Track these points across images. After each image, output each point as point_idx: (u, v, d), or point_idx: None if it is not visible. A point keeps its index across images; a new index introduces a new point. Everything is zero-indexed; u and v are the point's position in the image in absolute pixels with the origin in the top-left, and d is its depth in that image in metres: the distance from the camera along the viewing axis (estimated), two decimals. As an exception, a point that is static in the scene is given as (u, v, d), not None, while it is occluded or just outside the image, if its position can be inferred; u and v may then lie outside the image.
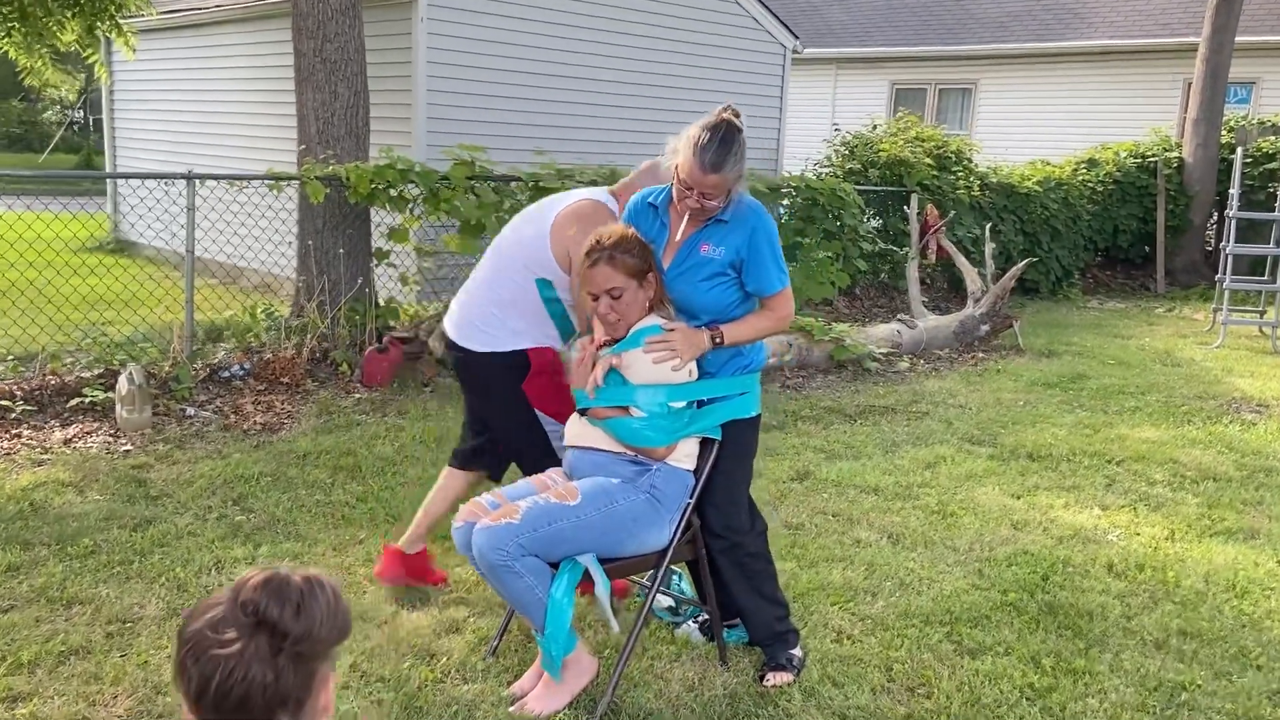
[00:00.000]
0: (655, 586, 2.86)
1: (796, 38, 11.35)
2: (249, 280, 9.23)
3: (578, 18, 9.30)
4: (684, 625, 3.33)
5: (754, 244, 2.87)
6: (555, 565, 2.68)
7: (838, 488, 4.87)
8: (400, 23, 8.36)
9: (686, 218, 2.86)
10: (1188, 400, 6.95)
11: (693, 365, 2.85)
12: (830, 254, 9.20)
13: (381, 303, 6.96)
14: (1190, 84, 13.18)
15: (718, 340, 2.83)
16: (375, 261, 6.93)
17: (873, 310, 10.21)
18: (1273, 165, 12.39)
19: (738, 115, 2.81)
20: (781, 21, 11.10)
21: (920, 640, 3.33)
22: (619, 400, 2.81)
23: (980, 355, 8.37)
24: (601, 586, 2.65)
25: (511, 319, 3.18)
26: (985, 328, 8.70)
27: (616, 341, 2.85)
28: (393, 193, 6.55)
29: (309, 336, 6.32)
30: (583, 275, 2.82)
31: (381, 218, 7.08)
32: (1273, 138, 12.63)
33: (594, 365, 2.86)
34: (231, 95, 10.31)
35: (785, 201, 9.53)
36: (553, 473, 2.96)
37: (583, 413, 2.88)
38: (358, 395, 6.04)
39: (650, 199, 3.01)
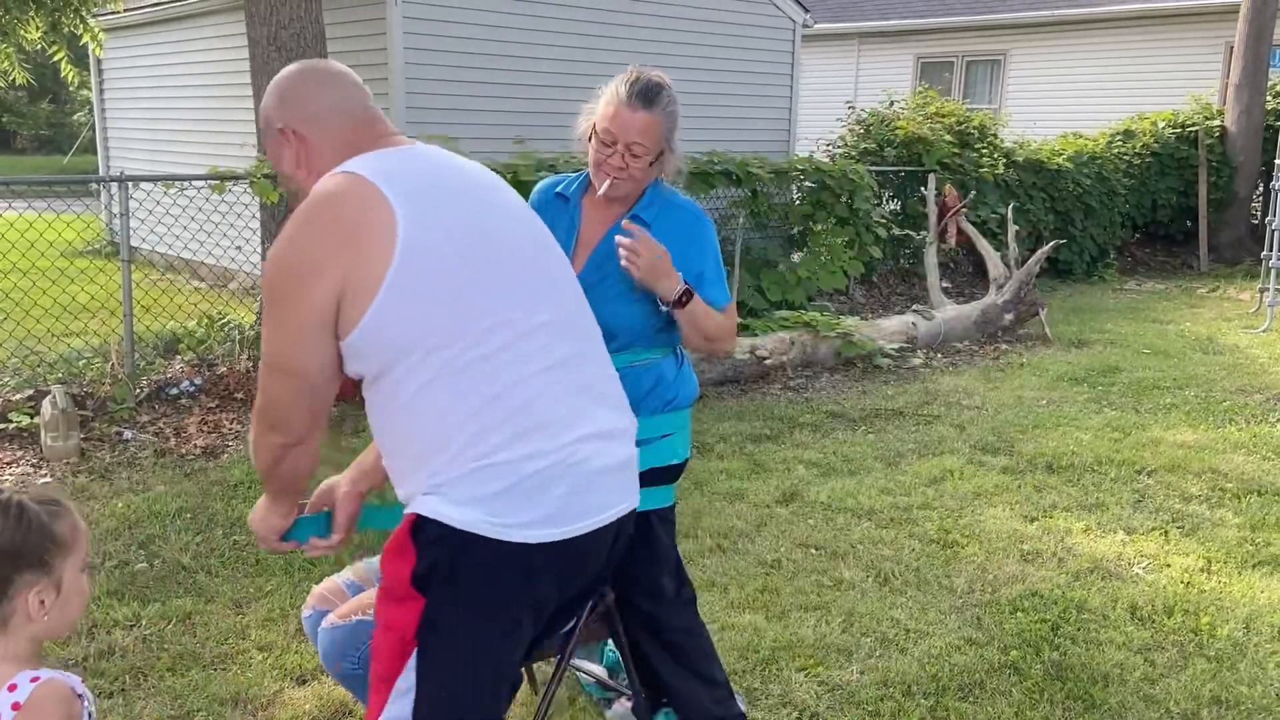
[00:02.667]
0: (557, 678, 2.35)
1: (807, 11, 10.70)
2: (240, 282, 8.84)
3: (567, -4, 8.76)
4: (616, 704, 2.82)
5: (688, 259, 2.35)
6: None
7: (827, 512, 4.33)
8: (374, 6, 7.87)
9: (605, 192, 2.33)
10: (1230, 395, 6.31)
11: None
12: (843, 240, 8.61)
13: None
14: (1232, 47, 12.34)
15: (683, 299, 2.27)
16: (343, 264, 6.46)
17: (891, 299, 9.60)
18: (1324, 131, 11.56)
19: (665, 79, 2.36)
20: (791, -6, 10.46)
21: None
22: None
23: (1003, 347, 7.75)
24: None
25: None
26: (1009, 316, 8.08)
27: None
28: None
29: (265, 348, 5.87)
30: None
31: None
32: (1324, 101, 11.80)
33: None
34: (211, 90, 9.91)
35: (794, 187, 8.94)
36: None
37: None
38: (314, 411, 5.58)
39: (559, 188, 2.47)
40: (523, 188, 6.38)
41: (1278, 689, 2.95)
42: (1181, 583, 3.68)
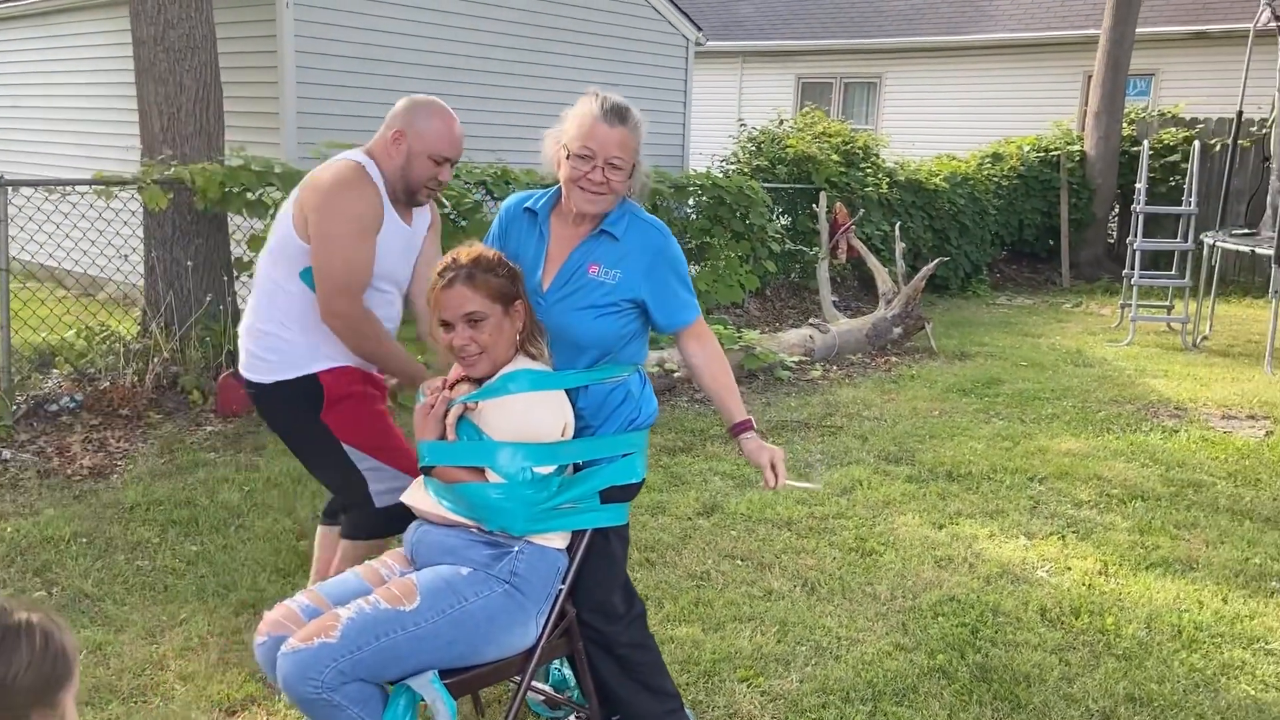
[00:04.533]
0: (521, 692, 2.32)
1: (700, 29, 10.89)
2: (110, 293, 8.38)
3: (466, 4, 8.67)
4: (563, 721, 2.80)
5: (658, 276, 2.38)
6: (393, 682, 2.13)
7: (748, 523, 4.39)
8: (263, 7, 7.61)
9: (575, 218, 2.39)
10: (1104, 405, 6.69)
11: (568, 419, 2.32)
12: (739, 254, 8.77)
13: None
14: (1090, 76, 13.14)
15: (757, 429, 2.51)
16: (235, 273, 6.22)
17: (784, 312, 9.81)
18: (1174, 158, 12.39)
19: None
20: (684, 12, 10.61)
21: (840, 725, 2.86)
22: (472, 460, 2.26)
23: (893, 359, 8.02)
24: (446, 718, 2.09)
25: (292, 334, 2.62)
26: (898, 330, 8.36)
27: (476, 384, 2.31)
28: (250, 196, 5.84)
29: (154, 361, 5.60)
30: (435, 299, 2.27)
31: (239, 224, 6.36)
32: (1173, 130, 12.65)
33: (445, 413, 2.31)
34: (79, 92, 9.41)
35: (691, 201, 9.05)
36: (390, 558, 2.38)
37: (426, 472, 2.33)
38: (210, 428, 5.35)
39: (528, 203, 2.48)
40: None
41: (1185, 686, 3.13)
42: (1083, 585, 3.87)
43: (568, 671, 2.89)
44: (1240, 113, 9.33)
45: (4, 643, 1.22)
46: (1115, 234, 13.41)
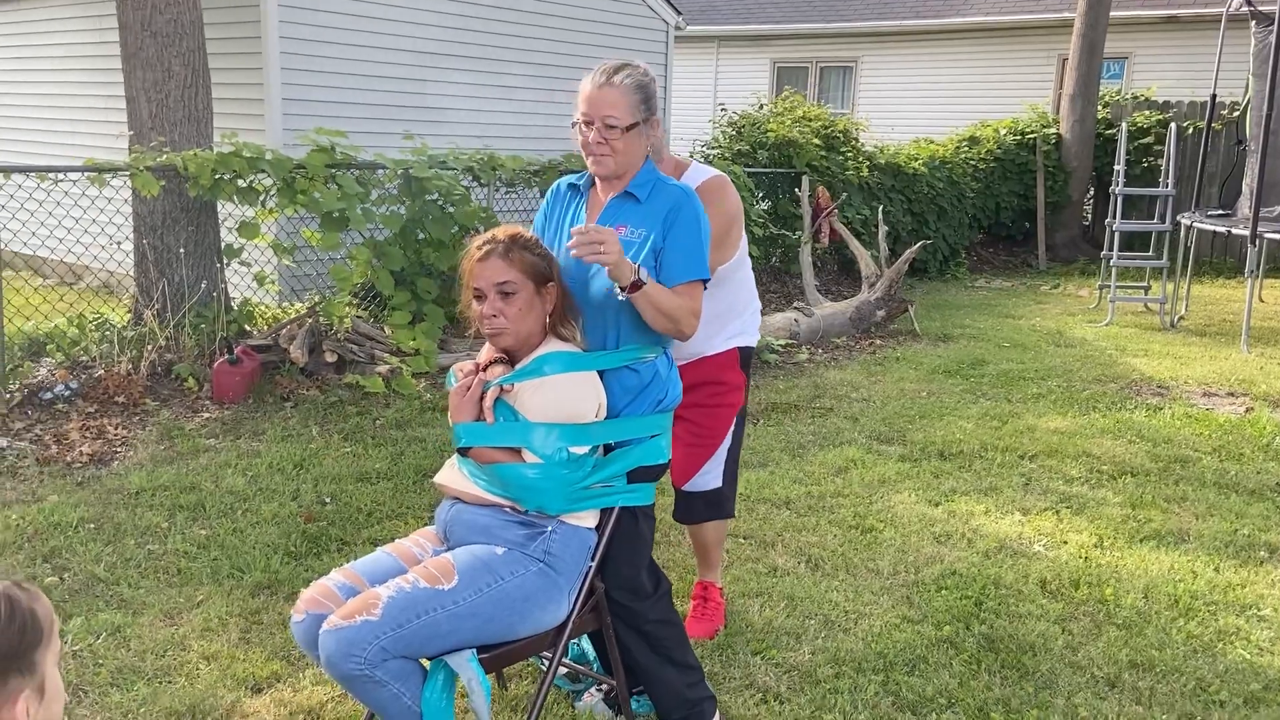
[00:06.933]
0: (553, 667, 2.37)
1: (679, 14, 10.91)
2: (90, 281, 8.32)
3: (447, -11, 8.64)
4: (586, 695, 2.85)
5: (673, 232, 2.41)
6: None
7: (747, 502, 4.46)
8: (248, -8, 7.56)
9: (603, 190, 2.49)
10: (1088, 385, 6.81)
11: (602, 400, 2.36)
12: (722, 239, 8.81)
13: (236, 306, 6.23)
14: (1065, 60, 13.27)
15: (638, 282, 2.26)
16: (226, 260, 6.20)
17: (766, 296, 9.86)
18: (1147, 140, 12.56)
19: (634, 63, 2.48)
20: (663, -4, 10.63)
21: (855, 695, 2.93)
22: (509, 440, 2.30)
23: (878, 342, 8.11)
24: (481, 696, 2.14)
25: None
26: (881, 313, 8.45)
27: (510, 366, 2.35)
28: (241, 183, 5.82)
29: (148, 348, 5.58)
30: (470, 270, 2.31)
31: (230, 211, 6.34)
32: (1147, 112, 12.82)
33: (482, 395, 2.35)
34: (58, 78, 9.29)
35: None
36: (421, 537, 2.42)
37: (463, 453, 2.36)
38: (206, 415, 5.34)
39: (572, 180, 2.62)
40: (416, 183, 6.30)
41: (1184, 652, 3.24)
42: (1080, 558, 3.97)
43: (586, 645, 2.94)
44: (1214, 96, 9.47)
45: None
46: (1090, 216, 13.59)
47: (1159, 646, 3.25)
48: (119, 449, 4.83)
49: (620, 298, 2.30)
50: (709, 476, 3.16)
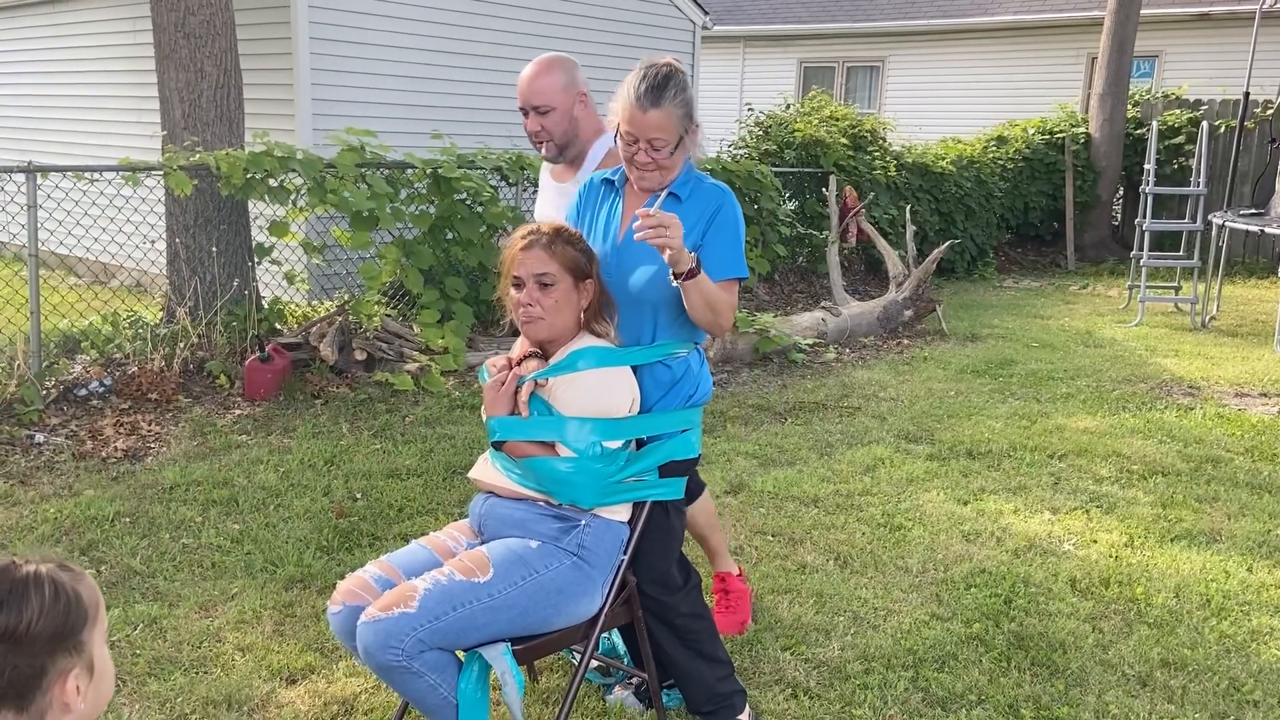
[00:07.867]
0: (585, 659, 2.39)
1: (707, 13, 10.92)
2: (122, 280, 8.44)
3: (475, -10, 8.70)
4: (616, 689, 2.87)
5: (716, 225, 2.44)
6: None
7: (775, 500, 4.46)
8: (278, -6, 7.64)
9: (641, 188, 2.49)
10: (1118, 384, 6.76)
11: (635, 394, 2.38)
12: (749, 239, 8.82)
13: (266, 305, 6.30)
14: (1094, 59, 13.17)
15: (693, 270, 2.29)
16: (256, 259, 6.27)
17: (793, 296, 9.87)
18: (1178, 140, 12.44)
19: (676, 63, 2.43)
20: (690, -4, 10.64)
21: (885, 691, 2.93)
22: (543, 434, 2.32)
23: (905, 341, 8.08)
24: (514, 689, 2.16)
25: None
26: (909, 312, 8.42)
27: (544, 360, 2.37)
28: (272, 183, 5.89)
29: (181, 345, 5.65)
30: (511, 259, 2.34)
31: (261, 210, 6.41)
32: (1177, 111, 12.69)
33: (516, 390, 2.37)
34: (92, 79, 9.42)
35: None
36: (455, 530, 2.45)
37: (497, 447, 2.39)
38: (238, 411, 5.41)
39: (609, 175, 2.61)
40: (444, 183, 6.34)
41: (1216, 651, 3.21)
42: (1110, 557, 3.95)
43: (617, 639, 2.96)
44: (1247, 94, 9.38)
45: (13, 595, 1.27)
46: (1120, 217, 13.48)
47: (1191, 646, 3.23)
48: (152, 445, 4.90)
49: (675, 284, 2.33)
50: None
